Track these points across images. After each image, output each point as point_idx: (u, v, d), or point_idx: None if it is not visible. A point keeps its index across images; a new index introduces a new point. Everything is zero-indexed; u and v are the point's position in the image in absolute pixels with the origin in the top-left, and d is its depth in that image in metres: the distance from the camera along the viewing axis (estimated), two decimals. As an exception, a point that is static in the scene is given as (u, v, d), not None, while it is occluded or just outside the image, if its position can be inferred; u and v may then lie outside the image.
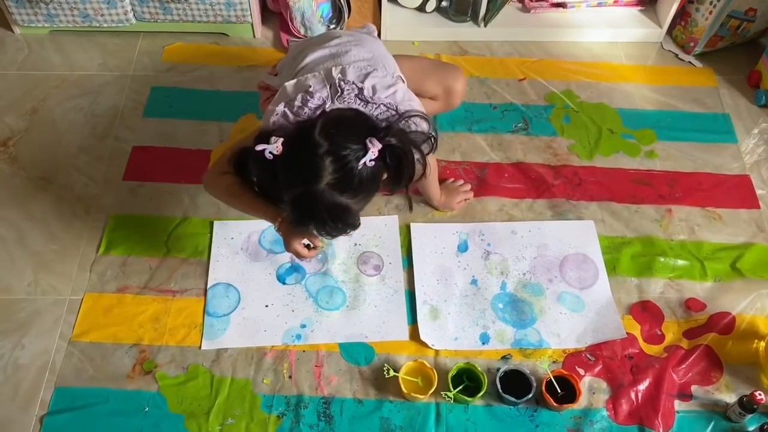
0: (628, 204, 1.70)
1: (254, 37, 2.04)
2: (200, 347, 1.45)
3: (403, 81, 1.35)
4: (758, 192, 1.74)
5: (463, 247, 1.61)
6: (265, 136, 1.15)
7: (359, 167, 1.11)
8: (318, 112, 1.21)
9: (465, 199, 1.68)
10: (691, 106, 1.93)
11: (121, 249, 1.59)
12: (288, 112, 1.25)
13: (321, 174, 1.10)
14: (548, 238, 1.63)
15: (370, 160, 1.11)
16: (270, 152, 1.13)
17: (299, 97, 1.25)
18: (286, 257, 1.58)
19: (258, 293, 1.52)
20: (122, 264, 1.57)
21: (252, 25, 2.00)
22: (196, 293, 1.53)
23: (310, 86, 1.26)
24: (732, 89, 1.98)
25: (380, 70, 1.30)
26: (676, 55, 2.06)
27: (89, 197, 1.68)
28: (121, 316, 1.49)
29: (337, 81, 1.26)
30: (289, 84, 1.30)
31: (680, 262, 1.60)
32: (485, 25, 2.03)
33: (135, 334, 1.46)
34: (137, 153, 1.76)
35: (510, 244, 1.61)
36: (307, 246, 1.35)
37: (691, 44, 2.03)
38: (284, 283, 1.54)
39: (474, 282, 1.56)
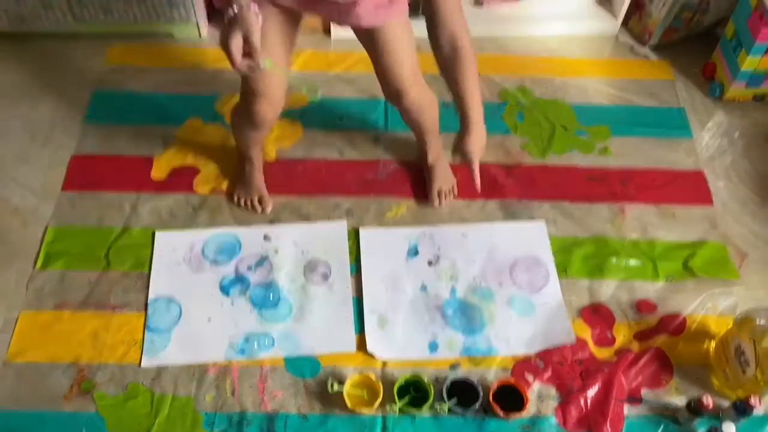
0: (581, 203, 1.68)
1: (200, 36, 1.98)
2: (140, 364, 1.41)
3: None
4: (712, 187, 1.72)
5: (412, 252, 1.58)
6: None
7: None
8: None
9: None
10: (647, 100, 1.91)
11: (60, 263, 1.54)
12: None
13: None
14: (498, 240, 1.60)
15: None
16: None
17: None
18: (230, 268, 1.53)
19: (200, 306, 1.48)
20: (60, 279, 1.51)
21: (197, 24, 1.94)
22: (136, 308, 1.48)
23: None
24: (688, 82, 1.96)
25: None
26: (632, 48, 2.03)
27: (27, 209, 1.62)
28: (59, 334, 1.44)
29: None
30: None
31: (632, 261, 1.58)
32: (438, 21, 1.98)
33: (73, 353, 1.42)
34: (77, 161, 1.70)
35: (460, 248, 1.58)
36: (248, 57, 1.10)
37: (647, 36, 2.00)
38: (228, 295, 1.50)
39: (423, 288, 1.53)
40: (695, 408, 1.31)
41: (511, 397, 1.35)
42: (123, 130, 1.77)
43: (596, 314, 1.51)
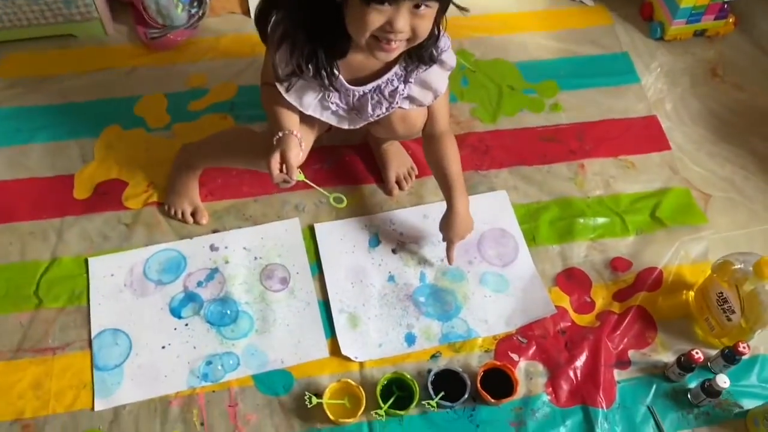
0: (539, 165, 1.61)
1: (106, 34, 1.79)
2: (93, 409, 1.26)
3: None
4: (666, 131, 1.68)
5: (374, 242, 1.48)
6: None
7: None
8: None
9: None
10: (589, 48, 1.84)
11: (-17, 309, 1.37)
12: None
13: None
14: (462, 216, 1.51)
15: None
16: None
17: None
18: (177, 287, 1.40)
19: (151, 334, 1.34)
20: (-14, 327, 1.35)
21: (101, 21, 1.75)
22: (80, 346, 1.33)
23: None
24: (627, 25, 1.91)
25: None
26: (567, -5, 1.96)
27: (-66, 254, 1.44)
28: (-6, 389, 1.28)
29: None
30: None
31: (600, 220, 1.53)
32: (364, -11, 1.86)
33: (14, 408, 1.26)
34: (-15, 191, 1.52)
35: (423, 231, 1.49)
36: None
37: (580, -18, 1.93)
38: (180, 317, 1.37)
39: (391, 278, 1.43)
40: (686, 362, 1.27)
41: (499, 381, 1.28)
42: (33, 149, 1.58)
43: (571, 279, 1.45)
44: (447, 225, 1.37)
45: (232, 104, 1.67)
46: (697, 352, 1.26)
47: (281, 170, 1.21)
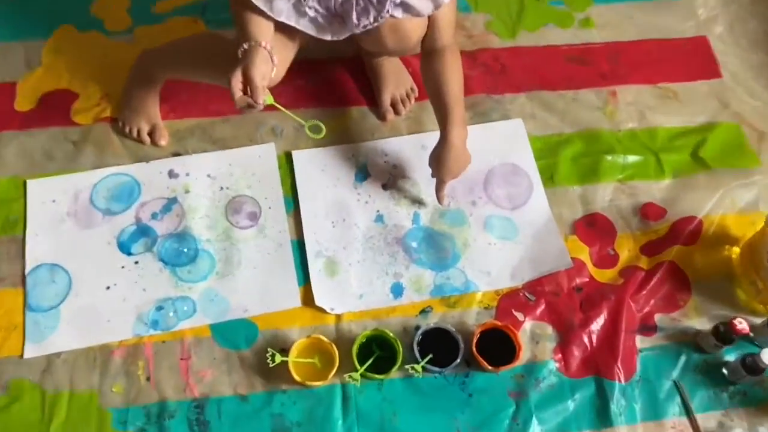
0: (563, 91, 1.38)
1: None
2: (22, 356, 1.09)
3: None
4: (718, 56, 1.42)
5: (361, 175, 1.26)
6: None
7: None
8: None
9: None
10: (631, -48, 1.56)
11: None
12: None
13: None
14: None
15: None
16: None
17: None
18: (128, 218, 1.20)
19: (95, 272, 1.16)
20: None
21: None
22: (11, 282, 1.15)
23: None
24: (678, -75, 1.61)
25: None
26: None
27: None
28: None
29: None
30: None
31: (631, 158, 1.30)
32: None
33: (-68, 351, 1.10)
34: None
35: (420, 164, 1.26)
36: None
37: None
38: (129, 253, 1.18)
39: (379, 219, 1.22)
40: (725, 333, 1.06)
41: (498, 344, 1.09)
42: (-29, 50, 1.37)
43: (593, 227, 1.23)
44: (438, 159, 1.15)
45: (204, 6, 1.45)
46: (740, 322, 1.05)
47: (245, 92, 0.98)
